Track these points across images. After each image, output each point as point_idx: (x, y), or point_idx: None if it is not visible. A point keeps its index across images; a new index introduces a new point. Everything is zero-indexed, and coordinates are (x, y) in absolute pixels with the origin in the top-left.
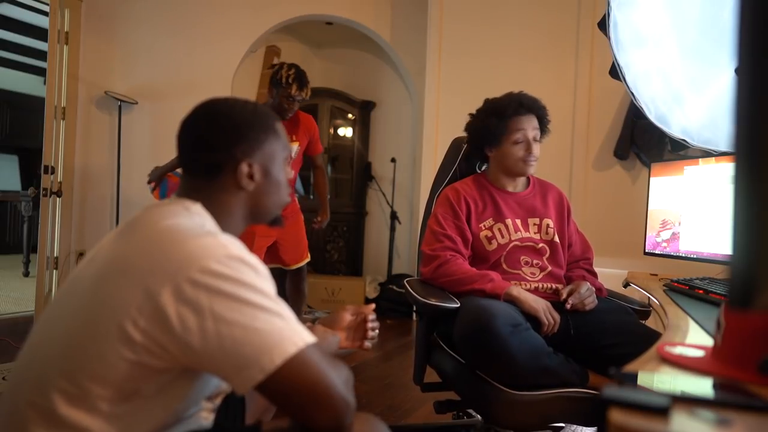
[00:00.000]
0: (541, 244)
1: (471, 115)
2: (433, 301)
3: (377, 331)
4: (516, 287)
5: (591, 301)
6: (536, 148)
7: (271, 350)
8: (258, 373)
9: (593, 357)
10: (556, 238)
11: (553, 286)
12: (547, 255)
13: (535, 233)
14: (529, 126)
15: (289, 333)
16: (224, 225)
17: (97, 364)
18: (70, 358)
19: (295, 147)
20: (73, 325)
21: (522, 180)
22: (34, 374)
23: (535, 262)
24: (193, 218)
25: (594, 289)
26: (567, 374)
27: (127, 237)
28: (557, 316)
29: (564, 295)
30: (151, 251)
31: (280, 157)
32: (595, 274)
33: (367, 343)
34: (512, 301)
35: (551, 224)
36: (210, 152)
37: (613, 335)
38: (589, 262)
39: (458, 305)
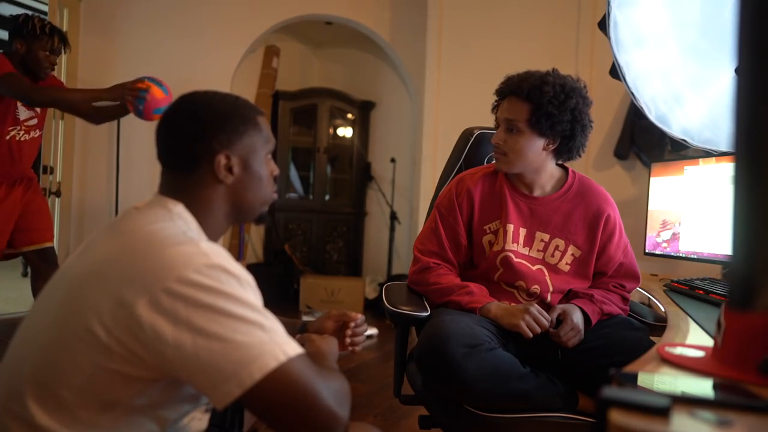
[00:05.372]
0: (537, 266)
1: None
2: (402, 309)
3: (363, 336)
4: (495, 303)
5: (574, 342)
6: (502, 137)
7: (250, 364)
8: (236, 387)
9: (584, 378)
10: (564, 265)
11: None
12: (545, 280)
13: (538, 251)
14: (504, 110)
15: (270, 346)
16: (206, 224)
17: (71, 372)
18: (43, 365)
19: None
20: (48, 329)
21: (543, 182)
22: (11, 379)
23: (532, 290)
24: (176, 222)
25: (579, 328)
26: (547, 397)
27: (110, 241)
28: (544, 320)
29: (553, 319)
30: (130, 259)
31: (261, 151)
32: (624, 299)
33: (352, 348)
34: (489, 318)
35: (562, 245)
36: (187, 144)
37: (607, 355)
38: (624, 289)
39: (427, 314)
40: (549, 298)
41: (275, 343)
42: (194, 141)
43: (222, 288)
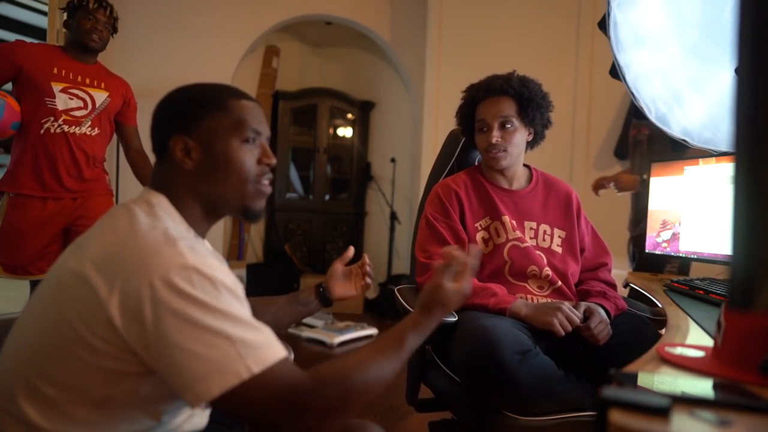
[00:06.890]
0: (537, 252)
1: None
2: None
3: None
4: (522, 302)
5: (604, 336)
6: (499, 135)
7: (209, 379)
8: (193, 399)
9: (607, 375)
10: (556, 246)
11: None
12: (548, 265)
13: (531, 238)
14: (492, 110)
15: (232, 361)
16: (185, 214)
17: (62, 371)
18: (34, 364)
19: (102, 95)
20: (38, 329)
21: (519, 175)
22: (4, 379)
23: (544, 273)
24: (157, 219)
25: (607, 321)
26: (578, 398)
27: (94, 239)
28: (575, 318)
29: (581, 315)
30: (108, 259)
31: (228, 134)
32: (614, 285)
33: (367, 280)
34: (519, 319)
35: (548, 230)
36: (154, 130)
37: (627, 352)
38: (606, 269)
39: (455, 319)
40: (559, 282)
41: (240, 358)
42: (157, 127)
43: (192, 293)
